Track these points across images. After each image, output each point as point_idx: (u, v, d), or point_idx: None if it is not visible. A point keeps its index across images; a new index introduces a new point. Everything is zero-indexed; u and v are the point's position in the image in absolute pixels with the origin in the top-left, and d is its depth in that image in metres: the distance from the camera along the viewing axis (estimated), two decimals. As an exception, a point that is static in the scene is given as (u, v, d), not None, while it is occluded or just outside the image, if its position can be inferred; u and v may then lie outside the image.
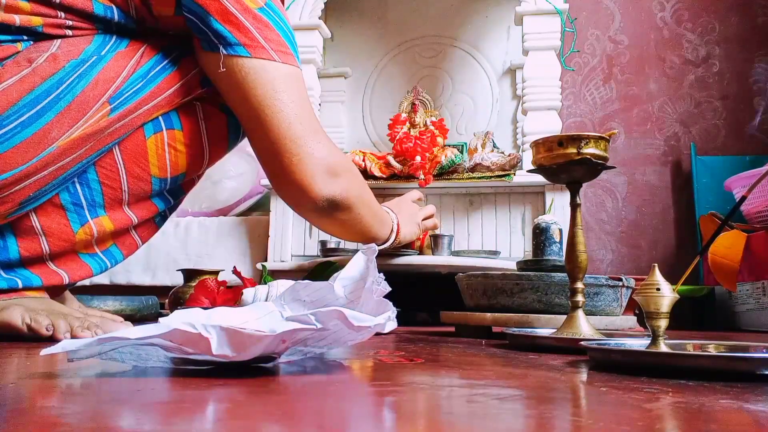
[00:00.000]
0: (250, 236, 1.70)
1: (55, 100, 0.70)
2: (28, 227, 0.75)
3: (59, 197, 0.76)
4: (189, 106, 0.81)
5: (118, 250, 0.84)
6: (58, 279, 0.79)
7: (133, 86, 0.74)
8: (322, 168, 0.80)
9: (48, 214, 0.76)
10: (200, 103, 0.82)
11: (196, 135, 0.82)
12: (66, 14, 0.73)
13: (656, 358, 0.47)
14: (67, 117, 0.71)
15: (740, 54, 2.01)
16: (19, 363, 0.50)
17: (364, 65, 2.01)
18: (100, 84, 0.72)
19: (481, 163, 1.53)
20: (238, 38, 0.75)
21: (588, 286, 0.86)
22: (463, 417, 0.30)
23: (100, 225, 0.79)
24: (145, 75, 0.76)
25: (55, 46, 0.72)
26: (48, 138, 0.70)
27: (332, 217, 0.86)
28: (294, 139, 0.78)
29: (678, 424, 0.29)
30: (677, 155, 2.00)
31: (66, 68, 0.71)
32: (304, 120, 0.79)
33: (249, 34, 0.75)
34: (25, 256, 0.76)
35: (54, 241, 0.77)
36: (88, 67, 0.72)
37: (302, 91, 0.79)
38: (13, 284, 0.75)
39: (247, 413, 0.29)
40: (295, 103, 0.78)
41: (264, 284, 0.87)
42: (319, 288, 0.50)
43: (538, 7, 1.53)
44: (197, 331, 0.39)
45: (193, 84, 0.80)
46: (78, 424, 0.26)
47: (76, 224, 0.77)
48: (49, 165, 0.71)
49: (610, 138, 0.67)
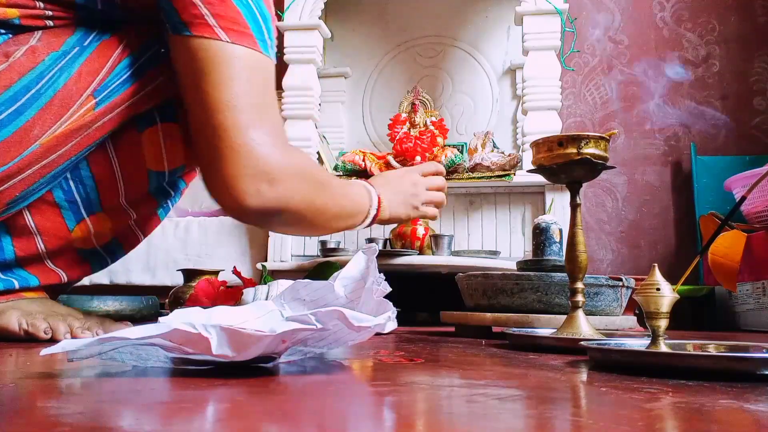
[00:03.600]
0: (250, 236, 1.70)
1: (36, 96, 0.66)
2: (22, 226, 0.73)
3: (53, 195, 0.73)
4: None
5: (119, 245, 0.82)
6: (56, 278, 0.77)
7: (118, 78, 0.70)
8: (255, 172, 0.66)
9: (42, 213, 0.73)
10: None
11: None
12: (45, 4, 0.68)
13: (656, 358, 0.47)
14: (50, 113, 0.66)
15: (740, 54, 2.01)
16: (18, 363, 0.50)
17: (364, 65, 2.01)
18: (83, 77, 0.68)
19: (481, 163, 1.53)
20: (182, 16, 0.65)
21: (588, 286, 0.86)
22: (463, 417, 0.30)
23: (96, 222, 0.76)
24: (131, 65, 0.71)
25: (35, 39, 0.68)
26: (30, 136, 0.66)
27: (268, 224, 0.76)
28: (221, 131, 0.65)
29: (678, 424, 0.29)
30: (677, 155, 2.00)
31: (46, 61, 0.67)
32: (243, 110, 0.65)
33: (194, 10, 0.65)
34: (21, 256, 0.74)
35: (49, 239, 0.75)
36: (70, 59, 0.68)
37: (253, 75, 0.67)
38: (10, 285, 0.74)
39: (247, 413, 0.29)
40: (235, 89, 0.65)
41: (264, 284, 0.87)
42: (319, 287, 0.50)
43: (538, 7, 1.53)
44: (197, 331, 0.39)
45: None
46: (78, 424, 0.26)
47: (71, 222, 0.75)
48: (33, 164, 0.67)
49: (610, 138, 0.67)
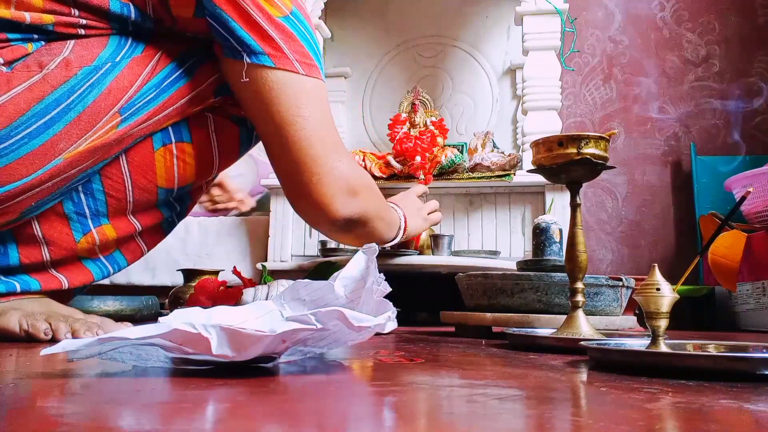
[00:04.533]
0: (250, 236, 1.70)
1: (66, 110, 0.67)
2: (29, 235, 0.74)
3: (63, 206, 0.74)
4: (200, 118, 0.78)
5: (121, 256, 0.83)
6: (57, 284, 0.77)
7: (145, 96, 0.71)
8: (342, 188, 0.78)
9: (50, 223, 0.74)
10: (212, 114, 0.79)
11: (207, 147, 0.79)
12: (80, 12, 0.69)
13: (656, 358, 0.47)
14: (77, 128, 0.67)
15: (740, 54, 2.01)
16: (18, 363, 0.50)
17: (364, 65, 2.00)
18: (112, 93, 0.69)
19: (481, 163, 1.53)
20: (262, 47, 0.71)
21: (588, 286, 0.86)
22: (463, 417, 0.30)
23: (102, 233, 0.77)
24: (159, 85, 0.72)
25: (68, 50, 0.68)
26: (55, 150, 0.67)
27: (349, 233, 0.86)
28: (315, 158, 0.75)
29: (678, 424, 0.29)
30: (677, 155, 2.00)
31: (78, 75, 0.67)
32: (327, 138, 0.76)
33: (273, 44, 0.71)
34: (26, 263, 0.75)
35: (55, 249, 0.75)
36: (102, 75, 0.69)
37: (325, 105, 0.76)
38: (11, 287, 0.74)
39: (247, 413, 0.29)
40: (318, 119, 0.75)
41: (264, 284, 0.87)
42: (319, 287, 0.50)
43: (538, 7, 1.53)
44: (197, 331, 0.39)
45: (206, 94, 0.77)
46: (78, 424, 0.26)
47: (78, 233, 0.76)
48: (54, 177, 0.68)
49: (610, 138, 0.67)
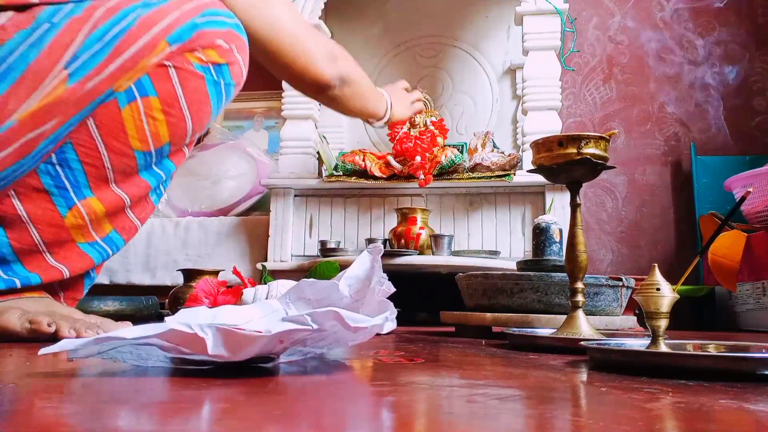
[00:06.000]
0: (250, 236, 1.70)
1: (7, 71, 0.67)
2: (13, 216, 0.73)
3: (41, 181, 0.73)
4: (161, 70, 0.76)
5: (118, 236, 0.82)
6: (58, 274, 0.77)
7: (89, 50, 0.70)
8: (322, 52, 0.96)
9: (32, 200, 0.73)
10: (174, 65, 0.76)
11: (174, 100, 0.77)
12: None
13: (656, 358, 0.47)
14: (23, 87, 0.67)
15: (740, 54, 2.01)
16: (19, 363, 0.50)
17: (364, 65, 1.99)
18: (54, 50, 0.68)
19: (481, 163, 1.53)
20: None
21: (588, 286, 0.86)
22: (463, 417, 0.30)
23: (88, 207, 0.76)
24: (101, 37, 0.71)
25: (4, 18, 0.68)
26: (4, 111, 0.67)
27: (342, 93, 1.02)
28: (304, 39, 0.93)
29: (678, 424, 0.29)
30: (677, 155, 2.00)
31: (15, 38, 0.67)
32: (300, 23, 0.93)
33: None
34: (18, 248, 0.74)
35: (43, 227, 0.74)
36: (40, 35, 0.68)
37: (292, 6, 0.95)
38: (11, 285, 0.73)
39: (247, 413, 0.29)
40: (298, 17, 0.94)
41: (264, 284, 0.87)
42: (324, 287, 0.50)
43: (538, 7, 1.53)
44: (193, 332, 0.39)
45: (156, 41, 0.74)
46: (78, 424, 0.26)
47: (63, 208, 0.75)
48: (12, 140, 0.68)
49: (610, 138, 0.67)
